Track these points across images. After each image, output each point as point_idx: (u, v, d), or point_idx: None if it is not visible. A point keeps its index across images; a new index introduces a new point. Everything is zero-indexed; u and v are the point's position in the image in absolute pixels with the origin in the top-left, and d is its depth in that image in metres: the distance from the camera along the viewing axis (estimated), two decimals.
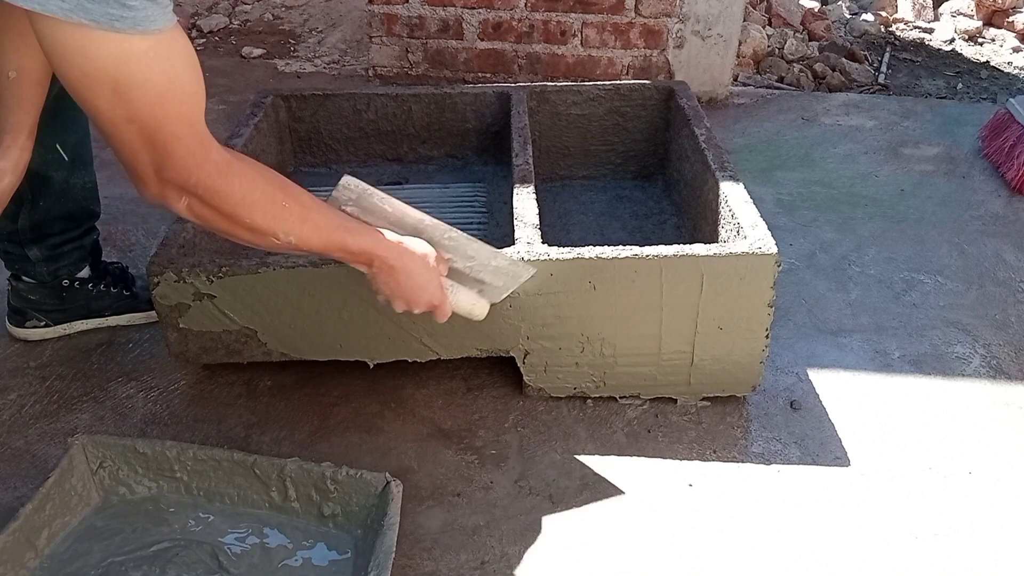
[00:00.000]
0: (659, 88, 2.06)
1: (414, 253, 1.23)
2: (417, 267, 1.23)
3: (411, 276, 1.23)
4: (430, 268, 1.25)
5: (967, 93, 3.17)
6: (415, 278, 1.23)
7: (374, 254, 1.20)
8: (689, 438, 1.48)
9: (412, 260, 1.22)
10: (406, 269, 1.22)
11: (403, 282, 1.23)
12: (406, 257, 1.22)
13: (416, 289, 1.24)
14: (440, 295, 1.27)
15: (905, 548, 1.29)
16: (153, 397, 1.56)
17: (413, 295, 1.24)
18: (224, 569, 1.21)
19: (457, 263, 1.31)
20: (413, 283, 1.23)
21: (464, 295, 1.33)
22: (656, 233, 1.91)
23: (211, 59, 3.21)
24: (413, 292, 1.24)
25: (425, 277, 1.24)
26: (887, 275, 1.94)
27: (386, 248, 1.20)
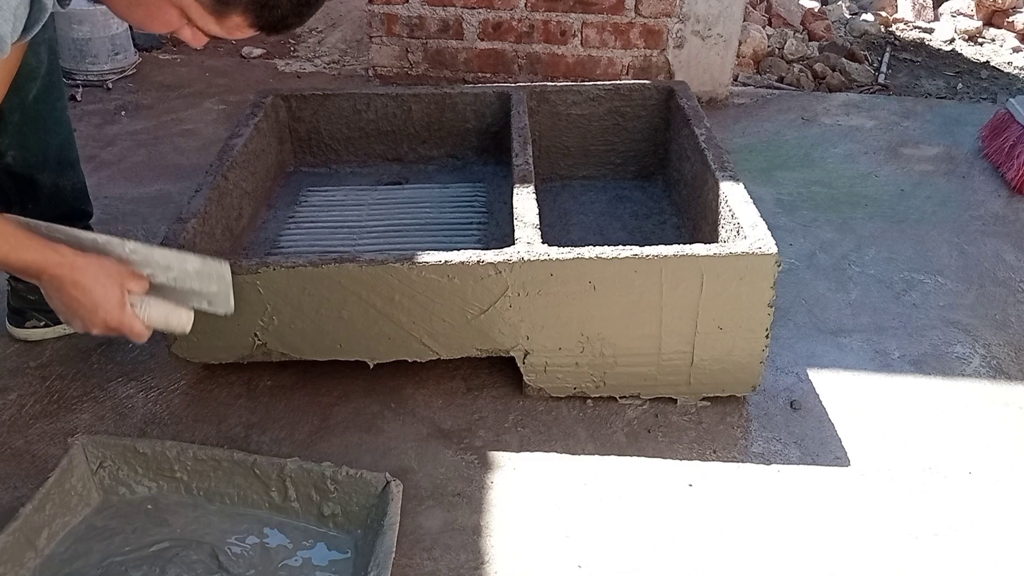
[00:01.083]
0: (659, 88, 2.06)
1: (88, 268, 1.16)
2: (89, 282, 1.16)
3: (83, 292, 1.16)
4: (108, 284, 1.17)
5: (967, 93, 3.17)
6: (88, 294, 1.16)
7: (42, 269, 1.14)
8: (689, 438, 1.48)
9: (84, 276, 1.15)
10: (76, 285, 1.15)
11: (75, 297, 1.16)
12: (78, 272, 1.15)
13: (89, 308, 1.17)
14: (118, 313, 1.18)
15: (905, 548, 1.29)
16: (153, 397, 1.56)
17: (87, 312, 1.17)
18: (224, 569, 1.21)
19: (159, 277, 1.25)
20: (86, 301, 1.16)
21: (157, 308, 1.25)
22: (656, 233, 1.91)
23: (211, 59, 3.21)
24: (87, 310, 1.17)
25: (99, 294, 1.16)
26: (887, 275, 1.94)
27: (56, 263, 1.14)
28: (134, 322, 1.21)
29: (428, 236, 1.83)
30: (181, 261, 1.26)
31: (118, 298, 1.18)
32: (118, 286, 1.18)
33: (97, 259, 1.18)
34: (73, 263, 1.15)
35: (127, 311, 1.20)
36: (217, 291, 1.28)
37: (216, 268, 1.28)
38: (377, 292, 1.43)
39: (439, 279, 1.41)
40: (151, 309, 1.24)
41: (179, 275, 1.26)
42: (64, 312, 1.19)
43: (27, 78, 1.42)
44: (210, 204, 1.61)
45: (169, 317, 1.26)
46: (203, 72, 3.07)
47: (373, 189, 2.04)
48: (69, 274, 1.15)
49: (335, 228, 1.88)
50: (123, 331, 1.21)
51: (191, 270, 1.26)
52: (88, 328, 1.20)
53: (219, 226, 1.66)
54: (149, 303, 1.24)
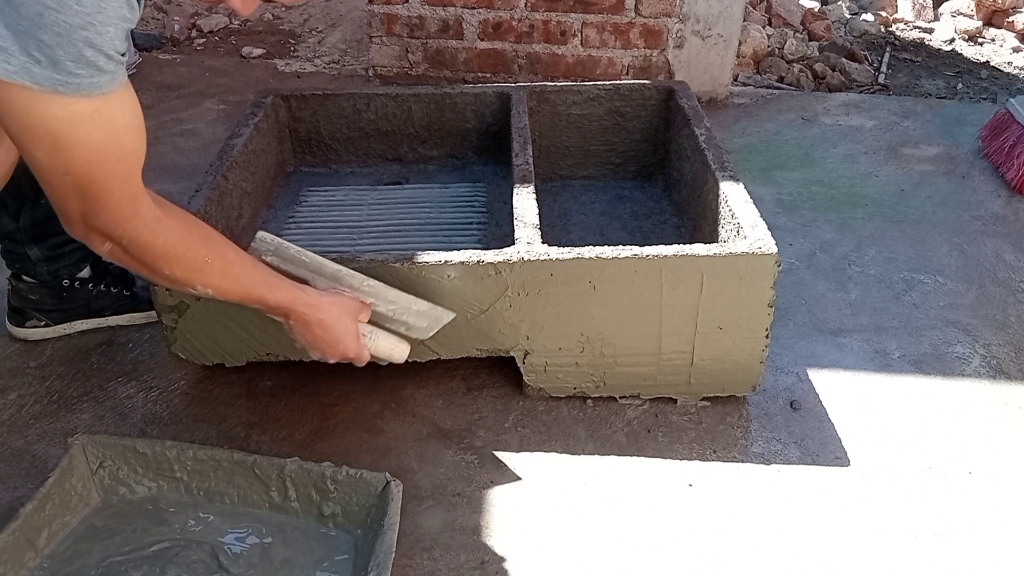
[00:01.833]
0: (659, 88, 2.06)
1: (331, 308, 1.27)
2: (334, 321, 1.27)
3: (327, 330, 1.27)
4: (347, 321, 1.28)
5: (967, 93, 3.17)
6: (330, 332, 1.27)
7: (291, 309, 1.24)
8: (689, 438, 1.48)
9: (328, 315, 1.26)
10: (322, 324, 1.26)
11: (319, 335, 1.27)
12: (323, 312, 1.26)
13: (331, 342, 1.28)
14: (355, 347, 1.31)
15: (905, 548, 1.29)
16: (153, 397, 1.56)
17: (328, 347, 1.29)
18: (224, 569, 1.21)
19: (380, 307, 1.35)
20: (328, 336, 1.27)
21: (384, 341, 1.36)
22: (656, 233, 1.91)
23: (211, 59, 3.21)
24: (328, 344, 1.29)
25: (340, 331, 1.28)
26: (887, 275, 1.94)
27: (304, 304, 1.24)
28: (364, 351, 1.33)
29: (428, 236, 1.83)
30: (410, 302, 1.37)
31: (355, 333, 1.30)
32: (354, 321, 1.30)
33: (338, 298, 1.30)
34: (319, 305, 1.26)
35: (362, 343, 1.32)
36: (425, 327, 1.39)
37: (439, 314, 1.39)
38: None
39: (439, 279, 1.41)
40: (379, 341, 1.35)
41: (399, 310, 1.36)
42: (307, 345, 1.30)
43: None
44: (210, 204, 1.61)
45: (393, 351, 1.38)
46: (203, 72, 3.07)
47: (373, 189, 2.04)
48: (315, 315, 1.26)
49: (335, 228, 1.88)
50: (357, 360, 1.33)
51: (414, 309, 1.37)
52: (326, 358, 1.32)
53: (219, 226, 1.66)
54: (377, 335, 1.35)
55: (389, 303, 1.36)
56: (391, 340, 1.37)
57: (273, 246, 1.31)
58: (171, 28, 3.44)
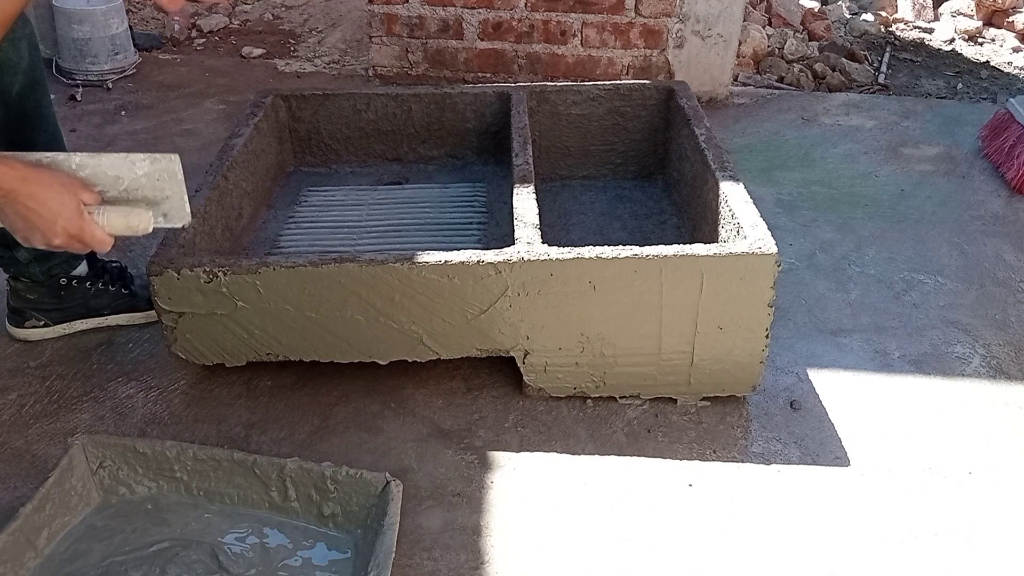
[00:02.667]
0: (659, 88, 2.06)
1: (45, 178, 1.15)
2: (46, 192, 1.15)
3: (42, 203, 1.15)
4: (64, 195, 1.16)
5: (967, 93, 3.17)
6: (46, 205, 1.15)
7: None
8: (689, 438, 1.48)
9: (41, 186, 1.15)
10: (35, 197, 1.14)
11: (34, 209, 1.15)
12: (34, 184, 1.14)
13: (49, 218, 1.15)
14: (78, 221, 1.17)
15: (905, 548, 1.29)
16: (153, 397, 1.56)
17: (47, 225, 1.16)
18: (224, 569, 1.21)
19: (109, 191, 1.24)
20: (45, 210, 1.15)
21: (115, 213, 1.23)
22: (656, 233, 1.91)
23: (211, 59, 3.21)
24: (46, 222, 1.16)
25: (56, 201, 1.15)
26: (887, 275, 1.94)
27: (10, 178, 1.13)
28: (94, 229, 1.20)
29: (428, 236, 1.83)
30: (130, 166, 1.23)
31: (75, 205, 1.17)
32: (73, 195, 1.17)
33: (49, 171, 1.17)
34: (26, 175, 1.14)
35: (86, 217, 1.19)
36: (170, 195, 1.26)
37: (166, 166, 1.25)
38: (377, 292, 1.43)
39: (439, 279, 1.41)
40: (110, 215, 1.22)
41: (130, 185, 1.24)
42: (23, 228, 1.17)
43: (8, 74, 1.42)
44: (210, 204, 1.62)
45: (129, 219, 1.24)
46: (203, 72, 3.07)
47: (373, 189, 2.04)
48: (23, 187, 1.13)
49: (335, 228, 1.88)
50: (85, 239, 1.20)
51: (141, 174, 1.24)
52: (49, 240, 1.18)
53: (219, 226, 1.66)
54: (107, 211, 1.22)
55: (116, 181, 1.23)
56: (123, 210, 1.24)
57: None
58: (171, 28, 3.44)
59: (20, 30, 1.41)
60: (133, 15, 3.52)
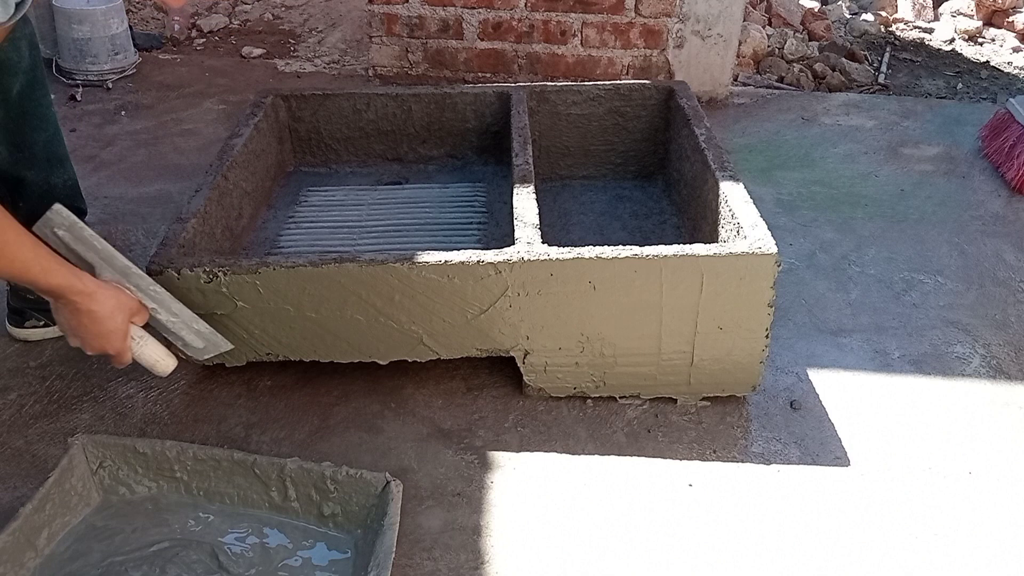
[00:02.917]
0: (659, 88, 2.06)
1: (106, 301, 1.25)
2: (104, 315, 1.24)
3: (95, 321, 1.25)
4: (118, 318, 1.26)
5: (967, 93, 3.17)
6: (98, 324, 1.25)
7: (62, 295, 1.22)
8: (689, 438, 1.48)
9: (101, 307, 1.24)
10: (92, 315, 1.24)
11: (85, 324, 1.25)
12: (95, 304, 1.23)
13: (95, 334, 1.26)
14: (119, 345, 1.28)
15: (905, 548, 1.29)
16: (153, 397, 1.56)
17: (91, 338, 1.27)
18: (224, 569, 1.21)
19: (161, 315, 1.34)
20: (94, 327, 1.25)
21: (152, 349, 1.34)
22: (656, 233, 1.91)
23: (211, 59, 3.21)
24: (92, 336, 1.26)
25: (109, 326, 1.25)
26: (887, 275, 1.94)
27: (77, 292, 1.22)
28: (127, 353, 1.31)
29: (428, 236, 1.83)
30: (191, 320, 1.37)
31: (124, 332, 1.28)
32: (126, 320, 1.28)
33: (115, 292, 1.27)
34: (93, 294, 1.23)
35: (127, 343, 1.29)
36: (202, 348, 1.40)
37: (217, 341, 1.41)
38: (377, 292, 1.43)
39: (439, 279, 1.41)
40: (147, 348, 1.33)
41: (178, 324, 1.36)
42: (69, 330, 1.27)
43: (8, 73, 1.42)
44: (210, 204, 1.61)
45: (157, 364, 1.36)
46: (203, 72, 3.06)
47: (373, 189, 2.04)
48: (87, 305, 1.23)
49: (335, 228, 1.88)
50: (115, 359, 1.31)
51: (194, 328, 1.37)
52: (85, 349, 1.28)
53: (219, 226, 1.66)
54: (147, 342, 1.33)
55: (171, 314, 1.35)
56: (160, 351, 1.36)
57: (68, 222, 1.28)
58: (171, 28, 3.44)
59: (20, 30, 1.41)
60: (133, 15, 3.52)
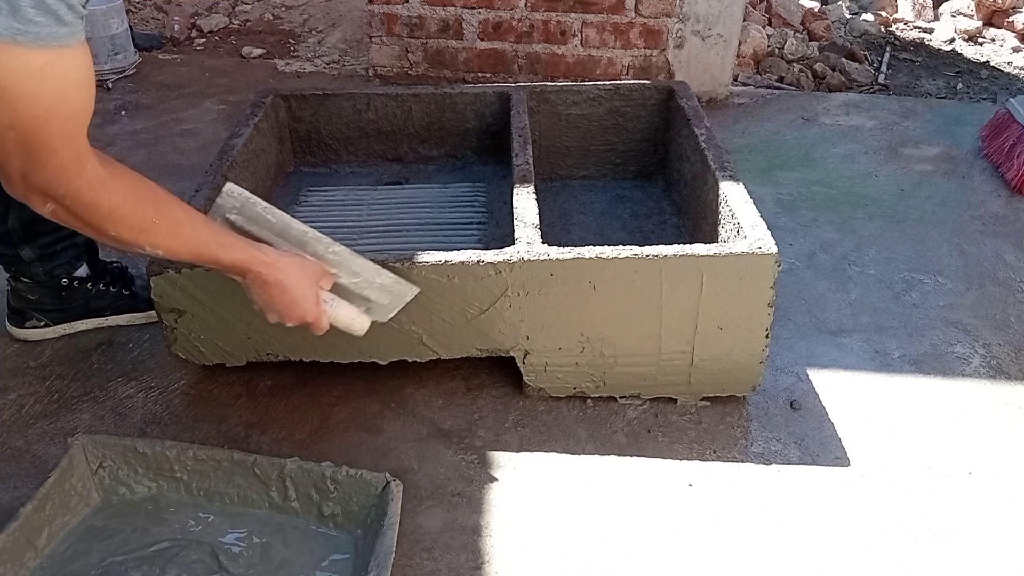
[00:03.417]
0: (659, 88, 2.06)
1: (290, 269, 1.23)
2: (292, 282, 1.23)
3: (285, 291, 1.23)
4: (306, 284, 1.25)
5: (967, 93, 3.17)
6: (289, 293, 1.23)
7: (247, 268, 1.21)
8: (689, 438, 1.48)
9: (287, 276, 1.23)
10: (280, 284, 1.22)
11: (277, 296, 1.23)
12: (281, 273, 1.22)
13: (289, 303, 1.24)
14: (315, 311, 1.27)
15: (905, 548, 1.29)
16: (153, 397, 1.56)
17: (286, 309, 1.25)
18: (224, 569, 1.21)
19: (342, 278, 1.31)
20: (287, 297, 1.24)
21: (345, 310, 1.32)
22: (656, 233, 1.91)
23: (211, 59, 3.21)
24: (286, 306, 1.24)
25: (299, 293, 1.24)
26: (887, 275, 1.94)
27: (261, 263, 1.21)
28: (323, 318, 1.29)
29: (428, 236, 1.83)
30: (375, 273, 1.34)
31: (315, 297, 1.26)
32: (315, 285, 1.26)
33: (298, 260, 1.25)
34: (276, 264, 1.22)
35: (322, 307, 1.28)
36: (387, 304, 1.36)
37: (401, 289, 1.36)
38: None
39: (439, 279, 1.41)
40: (340, 310, 1.31)
41: (362, 282, 1.33)
42: (264, 306, 1.26)
43: None
44: (210, 204, 1.61)
45: (353, 323, 1.33)
46: (203, 72, 3.07)
47: (373, 189, 2.04)
48: (273, 275, 1.22)
49: (335, 228, 1.87)
50: (314, 325, 1.28)
51: (378, 283, 1.34)
52: (284, 321, 1.26)
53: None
54: (339, 304, 1.31)
55: (352, 275, 1.32)
56: (352, 310, 1.33)
57: (239, 202, 1.27)
58: (171, 28, 3.44)
59: None
60: (133, 15, 3.52)
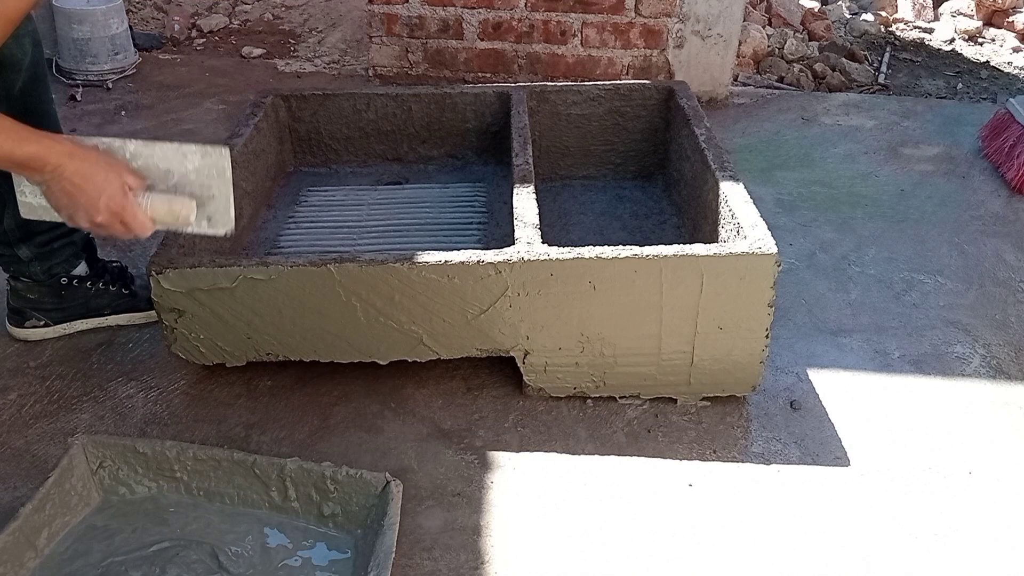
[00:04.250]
0: (659, 88, 2.06)
1: (89, 155, 1.16)
2: (92, 169, 1.15)
3: (87, 179, 1.15)
4: (110, 174, 1.17)
5: (967, 93, 3.17)
6: (91, 181, 1.15)
7: (46, 160, 1.13)
8: (689, 438, 1.48)
9: (87, 163, 1.15)
10: (80, 173, 1.15)
11: (80, 186, 1.15)
12: (80, 160, 1.15)
13: (93, 196, 1.15)
14: (121, 199, 1.18)
15: (905, 548, 1.29)
16: (153, 397, 1.56)
17: (91, 202, 1.16)
18: (224, 569, 1.21)
19: (158, 185, 1.24)
20: (90, 187, 1.15)
21: (158, 199, 1.23)
22: (656, 233, 1.91)
23: (211, 59, 3.21)
24: (90, 199, 1.16)
25: (101, 178, 1.16)
26: (887, 275, 1.94)
27: (58, 153, 1.14)
28: (137, 210, 1.21)
29: (428, 236, 1.83)
30: (181, 159, 1.24)
31: (119, 184, 1.18)
32: (118, 175, 1.19)
33: (96, 151, 1.19)
34: (73, 151, 1.16)
35: (129, 197, 1.20)
36: (216, 195, 1.26)
37: (216, 161, 1.25)
38: (377, 292, 1.43)
39: (439, 279, 1.41)
40: (154, 200, 1.23)
41: (179, 180, 1.25)
42: (67, 205, 1.18)
43: (11, 70, 1.42)
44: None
45: (172, 205, 1.24)
46: (203, 72, 3.07)
47: (373, 189, 2.04)
48: (69, 162, 1.15)
49: (335, 228, 1.88)
50: (126, 218, 1.20)
51: (191, 168, 1.25)
52: (92, 218, 1.18)
53: None
54: (152, 197, 1.23)
55: (165, 176, 1.24)
56: (168, 198, 1.24)
57: None
58: (171, 28, 3.44)
59: (24, 27, 1.41)
60: (133, 15, 3.52)
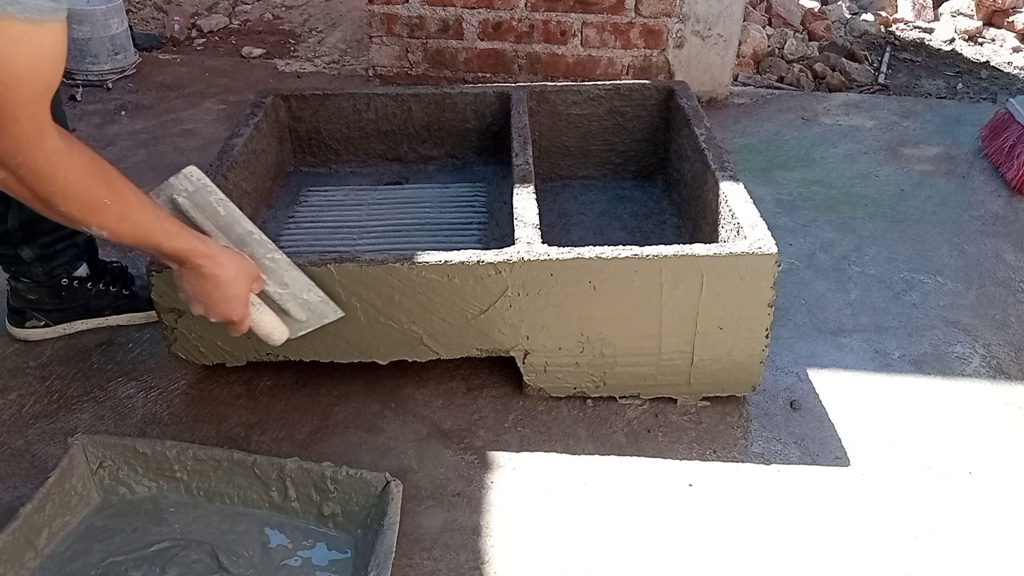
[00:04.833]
0: (659, 88, 2.06)
1: (229, 265, 1.23)
2: (229, 279, 1.23)
3: (219, 286, 1.23)
4: (241, 283, 1.25)
5: (967, 93, 3.17)
6: (223, 289, 1.23)
7: (188, 259, 1.20)
8: (689, 438, 1.48)
9: (225, 272, 1.22)
10: (216, 279, 1.22)
11: (209, 290, 1.23)
12: (220, 268, 1.22)
13: (220, 300, 1.24)
14: (242, 312, 1.26)
15: (905, 548, 1.29)
16: (153, 397, 1.56)
17: (215, 305, 1.24)
18: (224, 569, 1.21)
19: (270, 286, 1.31)
20: (219, 293, 1.23)
21: (268, 317, 1.32)
22: (656, 233, 1.91)
23: (211, 59, 3.21)
24: (215, 302, 1.24)
25: (233, 290, 1.24)
26: (887, 275, 1.94)
27: (202, 255, 1.20)
28: (247, 320, 1.28)
29: (428, 236, 1.83)
30: (303, 289, 1.34)
31: (246, 297, 1.26)
32: (247, 286, 1.26)
33: (238, 257, 1.25)
34: (217, 258, 1.21)
35: (249, 309, 1.27)
36: (303, 321, 1.36)
37: (324, 310, 1.36)
38: (377, 292, 1.43)
39: (439, 279, 1.41)
40: (264, 316, 1.31)
41: (287, 295, 1.33)
42: (192, 297, 1.25)
43: None
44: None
45: (273, 332, 1.33)
46: (203, 72, 3.07)
47: (373, 189, 2.04)
48: (212, 269, 1.21)
49: (335, 228, 1.88)
50: (237, 325, 1.28)
51: (303, 299, 1.34)
52: (209, 315, 1.26)
53: None
54: (264, 310, 1.31)
55: (281, 285, 1.32)
56: (275, 319, 1.33)
57: (194, 187, 1.27)
58: (171, 28, 3.44)
59: None
60: (133, 15, 3.52)
